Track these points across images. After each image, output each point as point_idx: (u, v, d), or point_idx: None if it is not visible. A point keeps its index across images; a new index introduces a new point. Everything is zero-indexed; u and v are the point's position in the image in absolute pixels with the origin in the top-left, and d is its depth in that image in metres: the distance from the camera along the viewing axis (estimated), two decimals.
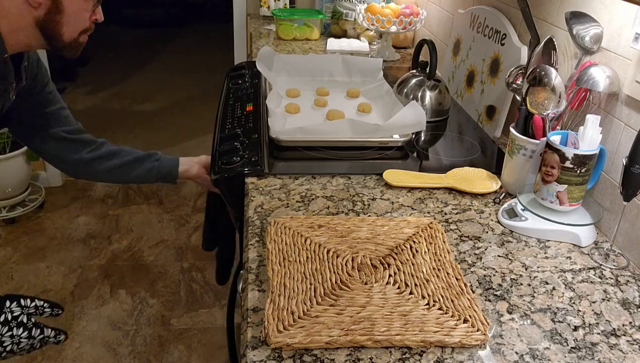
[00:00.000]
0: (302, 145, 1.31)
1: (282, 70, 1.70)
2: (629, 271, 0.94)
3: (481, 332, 0.76)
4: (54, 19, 1.00)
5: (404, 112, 1.31)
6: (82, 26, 1.06)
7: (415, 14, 2.03)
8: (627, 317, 0.83)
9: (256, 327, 0.77)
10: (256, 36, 2.43)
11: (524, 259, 0.96)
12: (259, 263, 0.91)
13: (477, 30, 1.61)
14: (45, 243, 2.57)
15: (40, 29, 1.01)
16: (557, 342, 0.78)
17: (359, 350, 0.74)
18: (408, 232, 0.97)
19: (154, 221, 2.77)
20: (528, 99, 1.04)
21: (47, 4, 0.98)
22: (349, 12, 2.39)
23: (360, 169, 1.23)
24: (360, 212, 1.07)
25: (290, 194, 1.12)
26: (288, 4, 2.70)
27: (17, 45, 1.03)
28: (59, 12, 1.00)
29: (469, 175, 1.20)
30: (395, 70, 2.05)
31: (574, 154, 0.95)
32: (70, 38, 1.05)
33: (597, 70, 1.01)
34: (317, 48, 2.28)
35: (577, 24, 1.07)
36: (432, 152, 1.38)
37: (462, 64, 1.70)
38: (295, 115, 1.46)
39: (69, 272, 2.39)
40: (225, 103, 1.59)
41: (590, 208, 1.04)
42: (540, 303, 0.85)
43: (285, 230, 0.96)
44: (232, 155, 1.24)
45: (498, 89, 1.45)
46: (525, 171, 1.09)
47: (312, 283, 0.84)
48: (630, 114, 0.99)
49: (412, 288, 0.84)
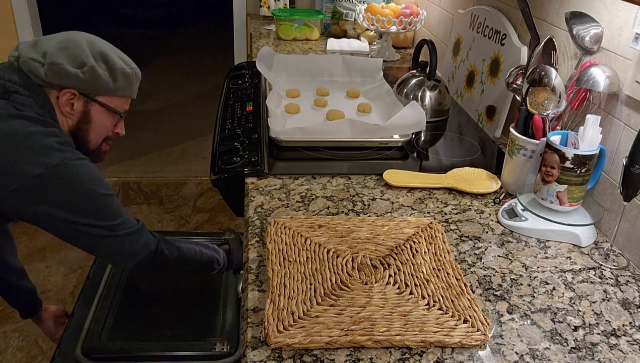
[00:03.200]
0: (302, 145, 1.31)
1: (282, 70, 1.70)
2: (629, 271, 0.94)
3: (481, 332, 0.76)
4: (83, 128, 1.16)
5: (404, 112, 1.31)
6: (106, 135, 1.22)
7: (415, 14, 2.03)
8: (627, 317, 0.83)
9: (256, 327, 0.77)
10: (256, 36, 2.43)
11: (524, 259, 0.96)
12: (259, 263, 0.91)
13: (477, 30, 1.61)
14: (45, 243, 2.56)
15: (72, 135, 1.15)
16: (557, 342, 0.78)
17: (359, 351, 0.74)
18: (408, 232, 0.97)
19: (154, 221, 2.76)
20: (528, 99, 1.04)
21: (79, 114, 1.14)
22: (349, 12, 2.39)
23: (360, 169, 1.23)
24: (360, 212, 1.07)
25: (290, 194, 1.12)
26: (288, 4, 2.70)
27: None
28: (87, 121, 1.16)
29: (469, 175, 1.20)
30: (395, 70, 2.05)
31: (574, 154, 0.95)
32: (95, 145, 1.21)
33: (597, 71, 1.01)
34: (317, 48, 2.28)
35: (577, 24, 1.07)
36: (432, 152, 1.38)
37: (462, 64, 1.70)
38: (295, 115, 1.46)
39: (69, 272, 2.39)
40: (225, 103, 1.59)
41: (590, 208, 1.04)
42: (540, 303, 0.85)
43: (285, 230, 0.96)
44: (232, 155, 1.24)
45: (498, 89, 1.45)
46: (525, 171, 1.09)
47: (312, 283, 0.84)
48: (630, 114, 0.98)
49: (412, 289, 0.84)
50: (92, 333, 1.33)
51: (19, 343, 1.97)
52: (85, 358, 1.26)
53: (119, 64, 1.15)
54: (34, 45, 1.10)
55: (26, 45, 1.11)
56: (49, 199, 1.01)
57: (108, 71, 1.13)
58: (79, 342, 1.30)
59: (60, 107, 1.12)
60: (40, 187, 1.00)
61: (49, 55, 1.08)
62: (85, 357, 1.26)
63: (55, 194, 1.01)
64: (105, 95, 1.16)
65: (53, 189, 1.01)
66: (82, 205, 1.04)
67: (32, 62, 1.08)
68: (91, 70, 1.10)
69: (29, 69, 1.08)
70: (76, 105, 1.13)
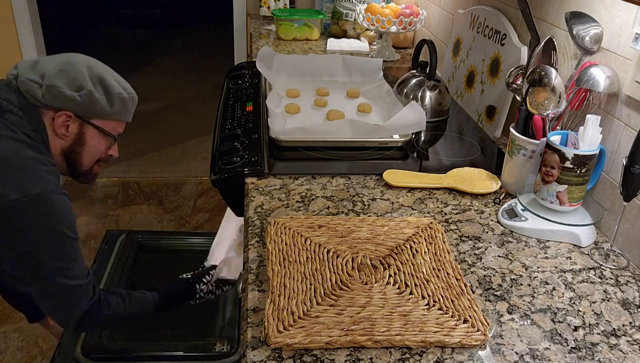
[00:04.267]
0: (302, 145, 1.31)
1: (282, 70, 1.70)
2: (629, 271, 0.94)
3: (481, 332, 0.76)
4: (77, 150, 1.17)
5: (404, 112, 1.31)
6: (98, 157, 1.23)
7: (415, 14, 2.03)
8: (627, 317, 0.83)
9: (256, 327, 0.77)
10: (256, 36, 2.43)
11: (524, 259, 0.96)
12: (259, 263, 0.91)
13: (477, 30, 1.61)
14: None
15: (65, 156, 1.17)
16: (557, 342, 0.78)
17: (359, 351, 0.74)
18: (408, 232, 0.97)
19: (154, 221, 2.76)
20: (528, 99, 1.04)
21: (73, 136, 1.15)
22: (349, 12, 2.39)
23: (360, 169, 1.23)
24: (360, 212, 1.07)
25: (290, 194, 1.12)
26: (288, 4, 2.70)
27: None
28: (81, 144, 1.17)
29: (469, 176, 1.20)
30: (395, 70, 2.05)
31: (574, 154, 0.95)
32: (87, 167, 1.22)
33: (597, 71, 1.01)
34: (317, 48, 2.28)
35: (577, 24, 1.07)
36: (432, 152, 1.38)
37: (462, 64, 1.70)
38: (295, 115, 1.46)
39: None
40: (225, 103, 1.59)
41: (590, 208, 1.04)
42: (540, 303, 0.85)
43: (285, 231, 0.96)
44: (232, 155, 1.24)
45: (498, 89, 1.45)
46: (525, 171, 1.09)
47: (312, 283, 0.84)
48: (630, 114, 0.98)
49: (412, 289, 0.84)
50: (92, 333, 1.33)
51: (19, 343, 1.97)
52: (86, 358, 1.26)
53: (117, 89, 1.15)
54: (34, 66, 1.10)
55: (25, 65, 1.11)
56: (17, 225, 1.00)
57: (105, 95, 1.14)
58: (79, 342, 1.30)
59: (55, 129, 1.12)
60: (13, 212, 0.99)
61: (47, 77, 1.08)
62: (86, 357, 1.26)
63: (25, 222, 1.00)
64: (101, 119, 1.16)
65: (25, 217, 1.00)
66: (45, 240, 1.03)
67: (30, 82, 1.08)
68: (89, 94, 1.11)
69: (27, 89, 1.08)
70: (71, 128, 1.13)
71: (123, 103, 1.18)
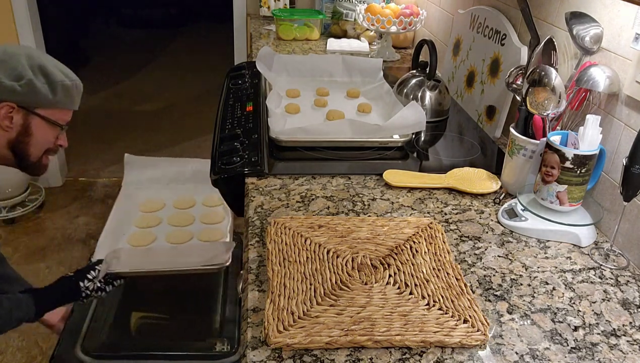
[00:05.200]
0: (302, 145, 1.31)
1: (282, 70, 1.70)
2: (629, 271, 0.94)
3: (481, 332, 0.76)
4: (24, 140, 1.15)
5: (404, 112, 1.31)
6: (47, 147, 1.20)
7: (415, 14, 2.03)
8: (627, 317, 0.83)
9: (256, 327, 0.77)
10: (256, 36, 2.43)
11: (524, 259, 0.96)
12: (259, 263, 0.91)
13: (477, 30, 1.61)
14: (45, 244, 2.56)
15: (12, 148, 1.15)
16: (557, 342, 0.78)
17: (359, 351, 0.74)
18: (408, 232, 0.97)
19: None
20: (528, 99, 1.04)
21: (18, 128, 1.13)
22: (349, 12, 2.39)
23: (360, 169, 1.23)
24: (360, 212, 1.07)
25: (290, 194, 1.12)
26: (288, 4, 2.70)
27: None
28: (28, 134, 1.15)
29: (469, 176, 1.20)
30: (395, 71, 2.05)
31: (574, 154, 0.95)
32: (36, 158, 1.20)
33: (597, 71, 1.01)
34: (317, 48, 2.28)
35: (577, 24, 1.07)
36: (432, 152, 1.38)
37: (462, 64, 1.70)
38: (295, 116, 1.46)
39: (69, 272, 2.39)
40: (225, 103, 1.59)
41: (590, 208, 1.04)
42: (540, 303, 0.85)
43: (285, 231, 0.96)
44: (232, 155, 1.24)
45: (498, 89, 1.45)
46: (525, 171, 1.09)
47: (312, 283, 0.84)
48: (630, 114, 0.98)
49: (412, 289, 0.84)
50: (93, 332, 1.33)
51: (19, 343, 1.97)
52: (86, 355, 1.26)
53: (59, 76, 1.14)
54: None
55: None
56: None
57: (47, 84, 1.12)
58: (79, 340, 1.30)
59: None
60: None
61: None
62: (86, 355, 1.26)
63: None
64: (46, 108, 1.15)
65: None
66: None
67: None
68: (29, 83, 1.09)
69: None
70: (15, 119, 1.12)
71: (66, 91, 1.16)
